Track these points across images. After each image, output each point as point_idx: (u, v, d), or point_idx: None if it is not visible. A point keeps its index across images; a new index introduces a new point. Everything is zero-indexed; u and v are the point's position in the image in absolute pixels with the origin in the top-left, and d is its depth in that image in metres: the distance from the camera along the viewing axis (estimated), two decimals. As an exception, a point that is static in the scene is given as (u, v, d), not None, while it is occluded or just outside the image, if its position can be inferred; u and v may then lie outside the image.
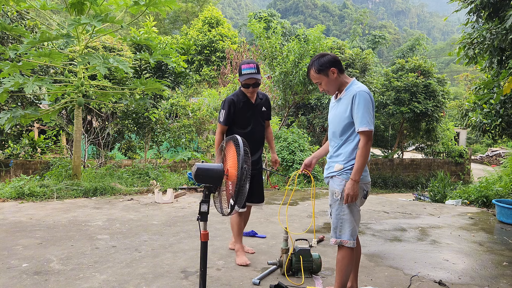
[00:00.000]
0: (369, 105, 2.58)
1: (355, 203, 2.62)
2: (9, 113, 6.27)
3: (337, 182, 2.65)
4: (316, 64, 2.72)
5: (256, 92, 3.56)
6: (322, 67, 2.69)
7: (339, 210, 2.65)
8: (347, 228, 2.63)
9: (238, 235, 3.61)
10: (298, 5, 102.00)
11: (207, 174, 2.56)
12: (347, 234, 2.63)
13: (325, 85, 2.74)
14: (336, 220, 2.67)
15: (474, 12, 5.07)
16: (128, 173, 8.44)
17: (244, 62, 3.47)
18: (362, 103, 2.56)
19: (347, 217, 2.63)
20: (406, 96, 15.89)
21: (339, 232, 2.65)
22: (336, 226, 2.67)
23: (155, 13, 15.98)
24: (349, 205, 2.61)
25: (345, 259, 2.67)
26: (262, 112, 3.69)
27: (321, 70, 2.70)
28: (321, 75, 2.71)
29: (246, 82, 3.44)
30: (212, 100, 11.09)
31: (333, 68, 2.69)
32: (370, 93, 2.64)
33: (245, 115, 3.56)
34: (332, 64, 2.69)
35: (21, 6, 6.01)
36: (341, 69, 2.73)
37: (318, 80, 2.75)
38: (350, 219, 2.63)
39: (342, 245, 2.66)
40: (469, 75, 32.20)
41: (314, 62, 2.74)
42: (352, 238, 2.64)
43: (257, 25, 10.14)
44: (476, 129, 6.49)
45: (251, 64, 3.43)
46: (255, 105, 3.60)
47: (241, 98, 3.55)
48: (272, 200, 7.03)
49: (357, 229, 2.68)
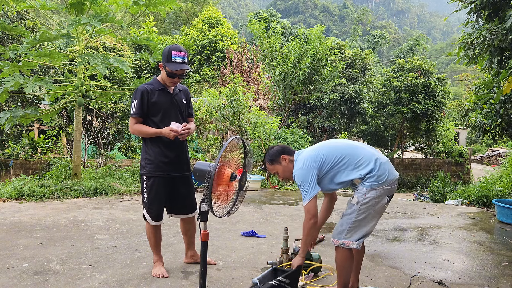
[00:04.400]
0: (306, 177, 2.66)
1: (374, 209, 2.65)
2: (9, 113, 6.27)
3: (357, 191, 2.68)
4: (267, 157, 2.93)
5: (177, 83, 3.21)
6: (273, 158, 2.90)
7: (353, 214, 2.65)
8: (359, 231, 2.64)
9: (156, 247, 3.27)
10: (298, 5, 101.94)
11: (201, 173, 2.61)
12: (356, 237, 2.64)
13: (282, 173, 2.92)
14: (346, 223, 2.67)
15: (474, 12, 5.06)
16: (128, 173, 8.44)
17: (174, 48, 3.03)
18: (299, 181, 2.69)
19: (362, 222, 2.64)
20: (406, 96, 15.88)
21: (346, 234, 2.65)
22: (344, 228, 2.66)
23: (155, 13, 15.98)
24: (367, 210, 2.63)
25: (345, 260, 2.67)
26: (182, 104, 3.27)
27: (274, 161, 2.90)
28: (275, 165, 2.90)
29: (174, 71, 3.04)
30: (212, 100, 11.06)
31: (283, 155, 2.87)
32: (304, 167, 2.69)
33: (162, 106, 3.13)
34: (281, 153, 2.88)
35: (21, 6, 6.00)
36: (290, 153, 2.90)
37: (275, 170, 2.92)
38: (365, 224, 2.65)
39: (342, 246, 2.66)
40: (469, 75, 32.19)
41: (265, 156, 2.96)
42: (360, 241, 2.65)
43: (257, 25, 10.13)
44: (476, 129, 6.48)
45: (183, 52, 3.05)
46: (173, 94, 3.21)
47: (156, 86, 3.14)
48: (272, 200, 7.03)
49: (370, 232, 2.71)
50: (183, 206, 3.32)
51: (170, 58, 3.03)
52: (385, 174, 2.65)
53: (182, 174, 3.25)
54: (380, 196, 2.63)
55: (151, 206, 3.16)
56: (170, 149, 3.13)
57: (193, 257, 3.51)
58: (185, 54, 3.07)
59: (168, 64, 3.04)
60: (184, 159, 3.26)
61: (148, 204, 3.16)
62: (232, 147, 2.69)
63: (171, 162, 3.15)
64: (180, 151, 3.21)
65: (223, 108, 10.64)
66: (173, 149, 3.15)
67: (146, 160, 3.15)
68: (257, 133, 10.34)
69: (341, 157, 2.70)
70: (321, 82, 10.20)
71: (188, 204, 3.33)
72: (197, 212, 3.36)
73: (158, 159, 3.12)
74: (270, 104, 13.89)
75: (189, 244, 3.48)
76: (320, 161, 2.69)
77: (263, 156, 10.32)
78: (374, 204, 2.63)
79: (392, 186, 2.69)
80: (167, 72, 3.07)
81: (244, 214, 5.65)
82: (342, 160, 2.69)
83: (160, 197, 3.16)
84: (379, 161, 2.67)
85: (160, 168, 3.12)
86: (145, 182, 3.15)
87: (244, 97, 10.53)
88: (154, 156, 3.12)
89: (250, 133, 10.48)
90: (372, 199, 2.62)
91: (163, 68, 3.11)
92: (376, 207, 2.64)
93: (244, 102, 10.48)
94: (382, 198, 2.65)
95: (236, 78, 10.49)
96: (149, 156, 3.13)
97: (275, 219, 5.40)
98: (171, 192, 3.23)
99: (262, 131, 10.37)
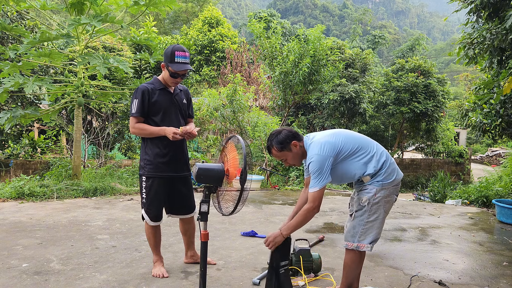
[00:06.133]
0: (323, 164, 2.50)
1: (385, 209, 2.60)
2: (9, 113, 6.27)
3: (366, 190, 2.61)
4: (276, 143, 2.66)
5: (179, 83, 3.21)
6: (283, 144, 2.65)
7: (365, 215, 2.59)
8: (372, 233, 2.59)
9: (155, 247, 3.28)
10: (298, 5, 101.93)
11: (208, 174, 2.56)
12: (369, 239, 2.59)
13: (292, 160, 2.71)
14: (358, 225, 2.60)
15: (474, 12, 5.06)
16: (128, 173, 8.44)
17: (177, 48, 3.03)
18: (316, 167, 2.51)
19: (374, 223, 2.59)
20: (406, 96, 15.89)
21: (360, 237, 2.59)
22: (357, 231, 2.60)
23: (155, 13, 15.97)
24: (377, 210, 2.58)
25: (354, 263, 2.64)
26: (182, 104, 3.26)
27: (284, 147, 2.66)
28: (285, 152, 2.67)
29: (177, 71, 3.03)
30: (212, 100, 11.06)
31: (294, 141, 2.65)
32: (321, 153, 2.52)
33: (162, 105, 3.12)
34: (292, 138, 2.65)
35: (21, 6, 6.00)
36: (300, 138, 2.69)
37: (284, 157, 2.71)
38: (377, 225, 2.60)
39: (357, 249, 2.61)
40: (469, 75, 32.21)
41: (272, 141, 2.68)
42: (372, 243, 2.60)
43: (257, 25, 10.12)
44: (476, 129, 6.48)
45: (186, 52, 3.05)
46: (174, 94, 3.20)
47: (157, 86, 3.14)
48: (272, 200, 7.03)
49: (379, 236, 2.65)
50: (181, 206, 3.30)
51: (173, 58, 3.01)
52: (394, 172, 2.62)
53: (182, 174, 3.24)
54: (390, 195, 2.60)
55: (150, 207, 3.15)
56: (169, 149, 3.12)
57: (193, 257, 3.51)
58: (188, 54, 3.07)
59: (171, 64, 3.02)
60: (184, 159, 3.25)
61: (147, 205, 3.15)
62: (232, 147, 2.68)
63: (171, 162, 3.14)
64: (179, 151, 3.20)
65: (223, 108, 10.64)
66: (172, 149, 3.14)
67: (145, 161, 3.14)
68: (257, 133, 10.35)
69: (357, 148, 2.58)
70: (321, 82, 10.19)
71: (187, 204, 3.31)
72: (196, 212, 3.35)
73: (157, 160, 3.10)
74: (270, 104, 13.89)
75: (188, 244, 3.48)
76: (337, 148, 2.55)
77: (263, 156, 10.39)
78: (384, 204, 2.58)
79: (398, 186, 2.67)
80: (170, 72, 3.05)
81: (244, 214, 5.65)
82: (357, 151, 2.58)
83: (159, 197, 3.15)
84: (389, 159, 2.64)
85: (160, 168, 3.11)
86: (144, 182, 3.14)
87: (244, 97, 10.54)
88: (153, 156, 3.11)
89: (250, 133, 10.48)
90: (382, 199, 2.57)
91: (165, 68, 3.08)
92: (386, 207, 2.60)
93: (244, 102, 10.48)
94: (391, 197, 2.61)
95: (236, 78, 10.49)
96: (148, 157, 3.12)
97: (275, 219, 5.40)
98: (170, 192, 3.22)
99: (262, 131, 10.37)
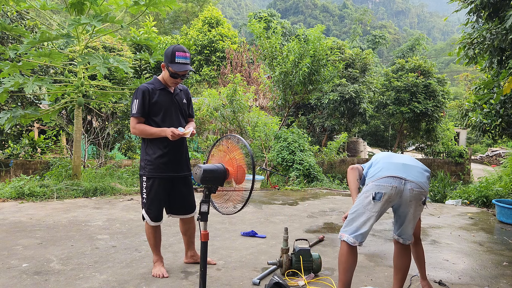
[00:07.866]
0: None
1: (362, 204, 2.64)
2: (9, 113, 6.27)
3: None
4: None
5: (179, 83, 3.21)
6: None
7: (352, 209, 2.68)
8: (352, 225, 2.63)
9: (155, 247, 3.27)
10: (298, 5, 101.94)
11: (213, 175, 2.55)
12: (350, 230, 2.63)
13: None
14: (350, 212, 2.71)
15: (474, 12, 5.06)
16: (128, 173, 8.44)
17: (178, 49, 3.03)
18: None
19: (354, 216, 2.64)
20: (406, 96, 15.89)
21: (345, 228, 2.67)
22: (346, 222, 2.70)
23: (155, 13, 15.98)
24: (358, 204, 2.65)
25: (342, 255, 2.65)
26: (183, 104, 3.26)
27: None
28: None
29: (178, 72, 3.04)
30: (212, 100, 11.06)
31: None
32: None
33: (163, 105, 3.12)
34: None
35: (21, 6, 6.01)
36: None
37: None
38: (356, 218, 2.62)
39: (340, 239, 2.67)
40: (469, 75, 32.21)
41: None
42: (352, 237, 2.59)
43: (257, 25, 10.13)
44: (476, 129, 6.48)
45: (187, 53, 3.05)
46: (174, 94, 3.20)
47: (157, 86, 3.14)
48: (272, 200, 7.03)
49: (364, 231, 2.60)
50: (182, 206, 3.30)
51: (173, 59, 3.01)
52: (380, 170, 2.68)
53: (182, 174, 3.24)
54: (368, 191, 2.63)
55: (150, 207, 3.15)
56: (170, 149, 3.12)
57: (193, 257, 3.51)
58: (189, 55, 3.07)
59: (172, 65, 3.03)
60: (184, 160, 3.25)
61: (148, 205, 3.15)
62: (232, 147, 2.68)
63: (171, 162, 3.14)
64: (180, 151, 3.20)
65: (223, 108, 10.65)
66: (173, 149, 3.14)
67: (146, 161, 3.14)
68: (257, 133, 10.35)
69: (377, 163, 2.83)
70: (321, 82, 10.19)
71: (187, 204, 3.31)
72: (196, 212, 3.35)
73: (158, 160, 3.10)
74: (270, 104, 13.89)
75: (188, 244, 3.48)
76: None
77: (263, 156, 10.39)
78: (363, 199, 2.65)
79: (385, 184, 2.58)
80: (170, 72, 3.05)
81: (244, 214, 5.64)
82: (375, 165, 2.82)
83: (159, 197, 3.15)
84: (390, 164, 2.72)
85: (160, 169, 3.11)
86: (144, 182, 3.14)
87: (244, 97, 10.54)
88: (153, 157, 3.11)
89: (250, 133, 10.48)
90: (362, 194, 2.69)
91: (165, 68, 3.09)
92: (364, 202, 2.63)
93: (244, 102, 10.48)
94: (369, 194, 2.61)
95: (236, 78, 10.49)
96: (149, 157, 3.12)
97: (275, 219, 5.40)
98: (170, 193, 3.22)
99: (262, 131, 10.38)
